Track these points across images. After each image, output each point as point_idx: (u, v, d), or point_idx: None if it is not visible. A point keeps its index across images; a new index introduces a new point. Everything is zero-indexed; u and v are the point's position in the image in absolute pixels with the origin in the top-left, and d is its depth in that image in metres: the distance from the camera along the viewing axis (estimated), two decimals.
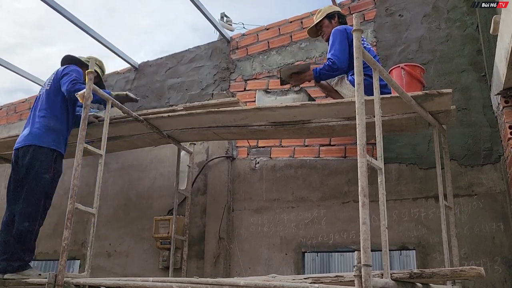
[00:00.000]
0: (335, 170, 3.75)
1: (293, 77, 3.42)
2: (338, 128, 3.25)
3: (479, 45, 3.58)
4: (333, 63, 3.19)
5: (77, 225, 4.34)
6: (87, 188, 4.27)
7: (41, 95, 3.46)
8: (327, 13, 3.56)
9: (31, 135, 3.24)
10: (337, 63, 3.19)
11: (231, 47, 4.61)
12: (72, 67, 3.42)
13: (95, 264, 4.07)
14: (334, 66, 3.19)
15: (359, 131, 1.91)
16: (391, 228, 3.29)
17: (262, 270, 3.65)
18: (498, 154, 3.30)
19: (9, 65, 5.03)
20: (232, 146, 4.17)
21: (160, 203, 4.25)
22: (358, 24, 2.06)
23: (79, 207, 2.68)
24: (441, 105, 2.76)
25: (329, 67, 3.21)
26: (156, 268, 4.03)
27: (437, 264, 3.17)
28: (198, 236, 4.01)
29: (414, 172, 3.50)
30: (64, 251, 2.55)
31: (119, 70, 5.09)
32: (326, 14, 3.55)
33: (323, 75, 3.29)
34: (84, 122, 2.78)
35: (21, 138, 3.32)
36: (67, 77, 3.29)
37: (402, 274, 1.96)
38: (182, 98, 4.61)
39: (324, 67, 3.24)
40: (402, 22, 3.93)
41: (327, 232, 3.60)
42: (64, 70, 3.38)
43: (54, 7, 3.92)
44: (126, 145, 3.96)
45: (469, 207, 3.26)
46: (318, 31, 3.64)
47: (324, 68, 3.24)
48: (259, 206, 3.89)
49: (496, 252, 3.10)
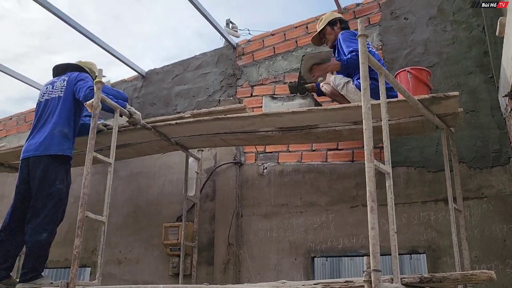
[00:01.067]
0: (343, 174, 3.74)
1: (315, 69, 3.36)
2: (345, 133, 3.25)
3: (485, 46, 3.56)
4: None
5: (87, 233, 4.36)
6: (97, 195, 4.29)
7: (48, 101, 3.37)
8: (328, 20, 3.59)
9: (45, 143, 3.16)
10: None
11: (237, 53, 4.63)
12: (84, 74, 3.41)
13: (105, 272, 4.10)
14: None
15: (366, 135, 1.92)
16: (401, 232, 3.28)
17: (272, 275, 3.65)
18: (507, 156, 3.28)
19: (17, 74, 5.10)
20: (240, 152, 4.18)
21: (169, 210, 4.27)
22: (363, 29, 2.07)
23: (90, 215, 2.70)
24: (449, 107, 2.75)
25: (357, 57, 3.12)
26: (166, 274, 4.04)
27: (447, 267, 3.15)
28: (207, 242, 4.02)
29: (422, 175, 3.49)
30: (75, 259, 2.57)
31: (127, 78, 5.13)
32: (328, 21, 3.58)
33: (351, 64, 3.17)
34: (93, 131, 2.81)
35: (31, 146, 3.22)
36: (83, 83, 3.25)
37: (412, 278, 1.96)
38: (189, 105, 4.64)
39: (352, 56, 3.15)
40: (408, 25, 3.93)
41: (336, 236, 3.60)
42: (78, 77, 3.36)
43: (60, 16, 3.97)
44: (134, 152, 3.99)
45: (479, 210, 3.24)
46: (322, 38, 3.66)
47: (352, 57, 3.14)
48: (268, 212, 3.90)
49: (507, 255, 3.08)
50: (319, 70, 3.36)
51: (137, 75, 5.05)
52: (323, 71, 3.37)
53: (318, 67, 3.36)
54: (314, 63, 3.37)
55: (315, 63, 3.37)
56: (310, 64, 3.38)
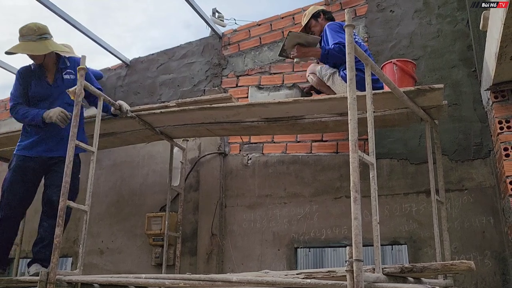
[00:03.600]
0: (327, 165, 3.76)
1: (297, 48, 3.36)
2: (331, 124, 3.26)
3: (469, 40, 3.60)
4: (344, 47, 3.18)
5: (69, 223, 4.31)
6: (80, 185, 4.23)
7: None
8: (311, 13, 3.60)
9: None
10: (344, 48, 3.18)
11: (223, 43, 4.60)
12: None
13: (87, 262, 4.06)
14: (344, 50, 3.18)
15: (351, 126, 1.92)
16: (383, 223, 3.31)
17: (255, 266, 3.66)
18: (488, 149, 3.34)
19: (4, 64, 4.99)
20: (224, 142, 4.17)
21: (152, 200, 4.24)
22: (350, 20, 2.07)
23: (71, 204, 2.67)
24: (433, 100, 2.78)
25: (340, 50, 3.11)
26: (149, 265, 4.03)
27: (428, 258, 3.20)
28: (191, 233, 4.01)
29: (405, 167, 3.52)
30: (56, 248, 2.54)
31: (111, 67, 5.05)
32: (311, 15, 3.60)
33: (331, 56, 3.21)
34: (75, 119, 2.76)
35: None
36: None
37: (394, 268, 1.98)
38: (174, 95, 4.59)
39: (335, 48, 3.16)
40: (393, 17, 3.95)
41: (320, 227, 3.62)
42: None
43: (46, 4, 3.88)
44: (118, 141, 3.94)
45: (460, 202, 3.29)
46: (308, 32, 3.65)
47: (335, 49, 3.16)
48: (252, 202, 3.90)
49: (486, 246, 3.14)
50: (300, 51, 3.36)
51: (121, 63, 4.97)
52: (304, 54, 3.37)
53: (300, 48, 3.36)
54: (298, 43, 3.36)
55: (299, 43, 3.36)
56: (295, 42, 3.37)
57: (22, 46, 3.11)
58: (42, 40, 3.12)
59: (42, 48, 3.11)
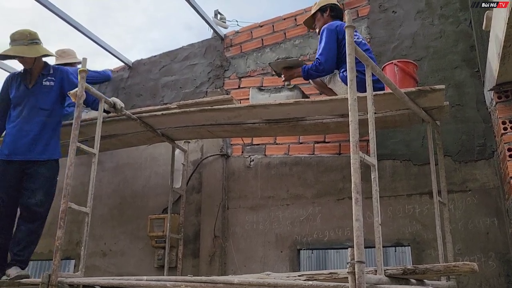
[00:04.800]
0: (329, 167, 3.75)
1: (283, 72, 3.44)
2: (332, 125, 3.25)
3: (472, 41, 3.58)
4: (320, 64, 3.23)
5: (72, 225, 4.32)
6: (82, 187, 4.24)
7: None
8: (320, 6, 3.57)
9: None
10: (323, 64, 3.21)
11: (225, 45, 4.60)
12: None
13: (90, 264, 4.06)
14: (320, 67, 3.23)
15: (352, 127, 1.91)
16: (386, 224, 3.30)
17: (258, 268, 3.65)
18: (491, 149, 3.31)
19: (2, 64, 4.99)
20: (227, 144, 4.16)
21: (155, 202, 4.23)
22: (350, 21, 2.06)
23: (73, 206, 2.67)
24: (435, 101, 2.76)
25: (316, 68, 3.24)
26: (152, 267, 4.02)
27: (431, 260, 3.18)
28: (193, 235, 4.00)
29: (408, 168, 3.50)
30: (57, 250, 2.54)
31: (113, 69, 5.06)
32: (319, 7, 3.57)
33: (310, 75, 3.32)
34: (77, 121, 2.77)
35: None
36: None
37: (396, 270, 1.97)
38: (176, 96, 4.60)
39: (311, 67, 3.27)
40: (396, 18, 3.93)
41: (322, 229, 3.60)
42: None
43: (47, 6, 3.89)
44: (120, 143, 3.95)
45: (463, 203, 3.27)
46: (313, 23, 3.65)
47: (311, 68, 3.26)
48: (254, 204, 3.89)
49: (490, 248, 3.11)
50: (286, 75, 3.43)
51: (124, 65, 4.98)
52: (290, 77, 3.43)
53: (286, 72, 3.43)
54: (284, 67, 3.44)
55: (285, 67, 3.43)
56: (280, 68, 3.46)
57: (14, 49, 3.20)
58: (33, 45, 3.23)
59: (33, 52, 3.21)
